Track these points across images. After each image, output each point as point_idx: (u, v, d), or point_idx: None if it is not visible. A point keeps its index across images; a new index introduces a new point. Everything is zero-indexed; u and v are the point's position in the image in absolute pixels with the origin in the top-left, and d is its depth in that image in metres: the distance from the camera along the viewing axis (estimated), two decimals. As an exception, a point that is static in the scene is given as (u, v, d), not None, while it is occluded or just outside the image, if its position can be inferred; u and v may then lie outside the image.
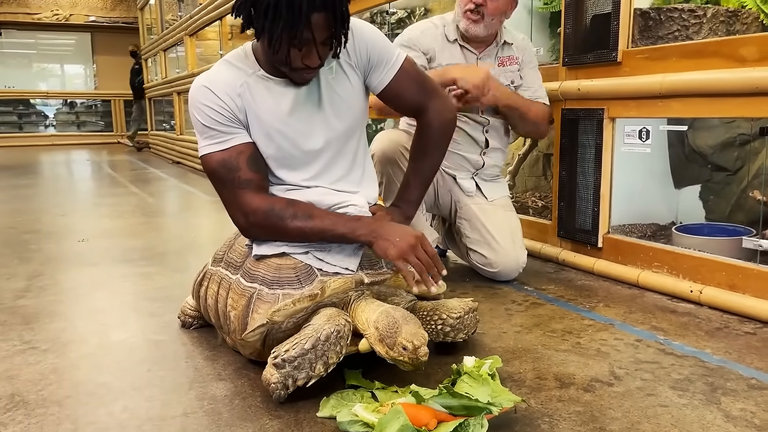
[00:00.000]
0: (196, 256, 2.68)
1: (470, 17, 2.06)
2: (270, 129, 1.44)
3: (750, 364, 1.48)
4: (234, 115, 1.41)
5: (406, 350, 1.24)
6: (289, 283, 1.39)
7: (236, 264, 1.51)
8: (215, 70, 1.45)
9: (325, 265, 1.43)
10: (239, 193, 1.41)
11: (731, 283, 1.84)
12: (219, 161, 1.42)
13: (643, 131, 2.10)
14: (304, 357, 1.23)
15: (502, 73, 2.17)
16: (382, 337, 1.27)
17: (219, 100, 1.40)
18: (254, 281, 1.42)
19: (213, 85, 1.41)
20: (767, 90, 1.67)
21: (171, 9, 8.91)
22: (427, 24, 2.19)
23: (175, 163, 7.67)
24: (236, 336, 1.41)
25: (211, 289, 1.55)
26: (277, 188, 1.50)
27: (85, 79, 13.72)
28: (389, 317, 1.29)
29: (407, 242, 1.36)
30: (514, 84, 2.19)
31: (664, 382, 1.38)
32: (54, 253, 2.83)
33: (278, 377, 1.23)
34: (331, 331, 1.26)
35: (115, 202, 4.49)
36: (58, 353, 1.61)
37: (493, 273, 2.18)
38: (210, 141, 1.42)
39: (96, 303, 2.06)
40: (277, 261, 1.43)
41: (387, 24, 4.43)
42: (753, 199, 2.15)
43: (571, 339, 1.66)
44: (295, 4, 1.23)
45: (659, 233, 2.44)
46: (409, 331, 1.25)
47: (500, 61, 2.18)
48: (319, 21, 1.27)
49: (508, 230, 2.19)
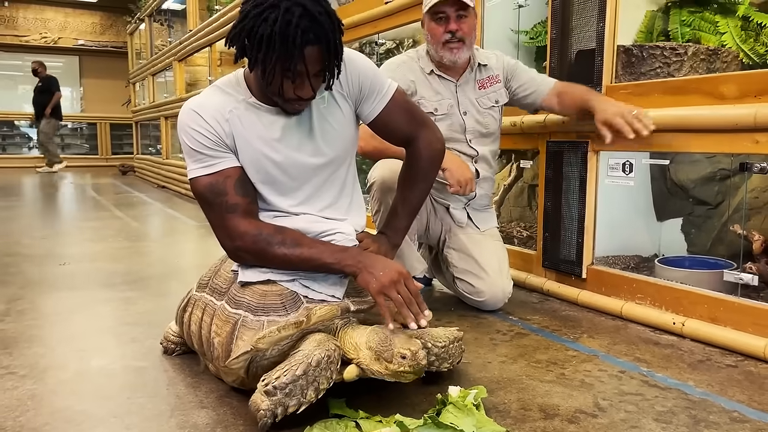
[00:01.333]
0: (180, 282, 2.65)
1: (451, 47, 2.06)
2: (259, 155, 1.45)
3: (732, 397, 1.49)
4: (221, 140, 1.42)
5: (405, 359, 1.26)
6: (275, 309, 1.38)
7: (221, 290, 1.50)
8: (205, 94, 1.47)
9: (311, 293, 1.42)
10: (226, 217, 1.41)
11: (713, 315, 1.86)
12: (206, 185, 1.42)
13: (627, 164, 2.14)
14: (295, 383, 1.22)
15: (484, 95, 2.19)
16: (378, 354, 1.29)
17: (206, 125, 1.41)
18: (239, 307, 1.41)
19: (201, 109, 1.42)
20: (746, 127, 1.71)
21: (161, 34, 8.98)
22: (402, 58, 2.21)
23: (160, 188, 7.63)
24: (220, 363, 1.40)
25: (195, 315, 1.54)
26: (264, 214, 1.49)
27: (72, 101, 13.67)
28: (379, 334, 1.31)
29: (389, 277, 1.35)
30: (498, 103, 2.22)
31: (647, 414, 1.39)
32: (34, 276, 2.79)
33: (268, 404, 1.21)
34: (322, 357, 1.26)
35: (98, 226, 4.45)
36: (36, 379, 1.58)
37: (479, 302, 2.18)
38: (198, 165, 1.43)
39: (76, 328, 2.03)
40: (263, 287, 1.42)
41: (376, 54, 4.49)
42: (734, 233, 2.18)
43: (555, 370, 1.66)
44: (289, 37, 1.25)
45: (642, 265, 2.47)
46: (402, 340, 1.28)
47: (480, 84, 2.19)
48: (312, 54, 1.29)
49: (496, 260, 2.19)
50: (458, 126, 2.17)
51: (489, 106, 2.20)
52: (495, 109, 2.22)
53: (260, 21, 1.26)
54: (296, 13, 1.25)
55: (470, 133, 2.19)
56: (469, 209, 2.26)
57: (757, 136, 1.70)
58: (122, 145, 13.12)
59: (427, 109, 2.11)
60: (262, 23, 1.26)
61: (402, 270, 1.39)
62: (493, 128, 2.23)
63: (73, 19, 13.00)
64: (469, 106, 2.18)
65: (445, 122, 2.13)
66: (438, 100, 2.15)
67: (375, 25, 3.66)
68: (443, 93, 2.16)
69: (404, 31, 4.14)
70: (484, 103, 2.19)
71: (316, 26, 1.27)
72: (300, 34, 1.25)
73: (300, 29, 1.25)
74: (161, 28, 8.82)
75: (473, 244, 2.21)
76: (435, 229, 2.28)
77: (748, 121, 1.70)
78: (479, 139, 2.21)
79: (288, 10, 1.25)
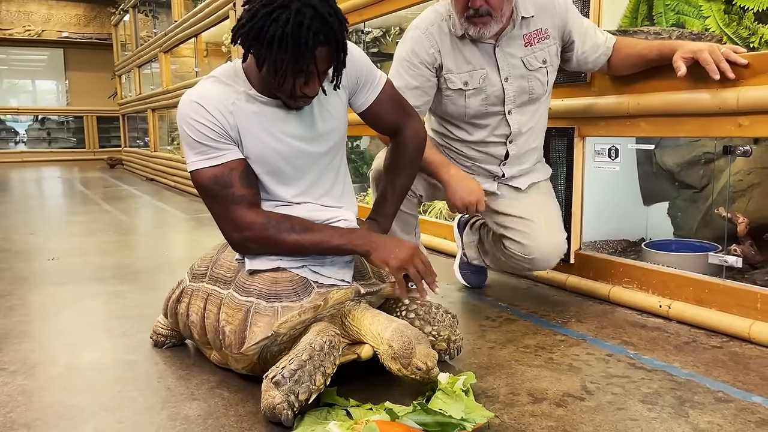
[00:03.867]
0: (170, 274, 2.65)
1: (476, 22, 1.78)
2: (265, 147, 1.46)
3: (717, 377, 1.51)
4: (226, 132, 1.42)
5: (420, 370, 1.30)
6: (287, 295, 1.41)
7: (226, 279, 1.51)
8: (205, 86, 1.45)
9: (320, 278, 1.46)
10: (232, 209, 1.42)
11: (698, 298, 1.89)
12: (211, 177, 1.42)
13: (612, 149, 2.15)
14: (303, 369, 1.24)
15: (531, 54, 1.88)
16: (396, 356, 1.33)
17: (211, 116, 1.40)
18: (250, 295, 1.43)
19: (205, 101, 1.41)
20: (729, 110, 1.72)
21: (146, 25, 8.89)
22: (428, 20, 1.89)
23: (149, 180, 7.59)
24: (233, 350, 1.40)
25: (196, 306, 1.54)
26: (266, 204, 1.51)
27: (57, 95, 13.55)
28: (404, 337, 1.34)
29: (406, 253, 1.41)
30: (546, 63, 1.90)
31: (634, 396, 1.41)
32: (23, 272, 2.78)
33: (281, 396, 1.22)
34: (324, 341, 1.29)
35: (86, 220, 4.42)
36: (26, 375, 1.58)
37: (530, 261, 1.96)
38: (201, 156, 1.42)
39: (66, 323, 2.03)
40: (273, 275, 1.44)
41: (362, 42, 4.48)
42: (718, 215, 2.21)
43: (543, 354, 1.67)
44: (301, 38, 1.26)
45: (630, 249, 2.49)
46: (422, 352, 1.32)
47: (526, 39, 1.87)
48: (323, 54, 1.32)
49: (542, 212, 1.97)
50: (495, 98, 1.89)
51: (537, 67, 1.89)
52: (543, 70, 1.90)
53: (270, 21, 1.26)
54: (307, 14, 1.25)
55: (511, 103, 1.90)
56: (499, 183, 2.02)
57: (740, 120, 1.72)
58: (110, 138, 13.04)
59: (455, 86, 1.88)
60: (272, 23, 1.26)
61: (413, 245, 1.45)
62: (539, 93, 1.93)
63: (57, 11, 12.84)
64: (511, 70, 1.88)
65: (477, 97, 1.89)
66: (469, 71, 1.87)
67: (361, 13, 3.65)
68: (476, 61, 1.87)
69: (390, 19, 4.14)
70: (531, 64, 1.88)
71: (326, 28, 1.28)
72: (312, 36, 1.26)
73: (312, 31, 1.26)
74: (146, 19, 8.73)
75: (514, 200, 1.99)
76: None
77: (731, 104, 1.71)
78: (522, 108, 1.92)
79: (299, 11, 1.25)
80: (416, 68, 1.87)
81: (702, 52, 1.72)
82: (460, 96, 1.91)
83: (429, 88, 1.91)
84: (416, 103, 1.88)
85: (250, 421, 1.30)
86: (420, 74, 1.88)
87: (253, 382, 1.45)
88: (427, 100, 1.93)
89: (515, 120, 1.93)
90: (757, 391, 1.43)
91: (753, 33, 2.17)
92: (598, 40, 1.95)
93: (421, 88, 1.89)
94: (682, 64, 1.75)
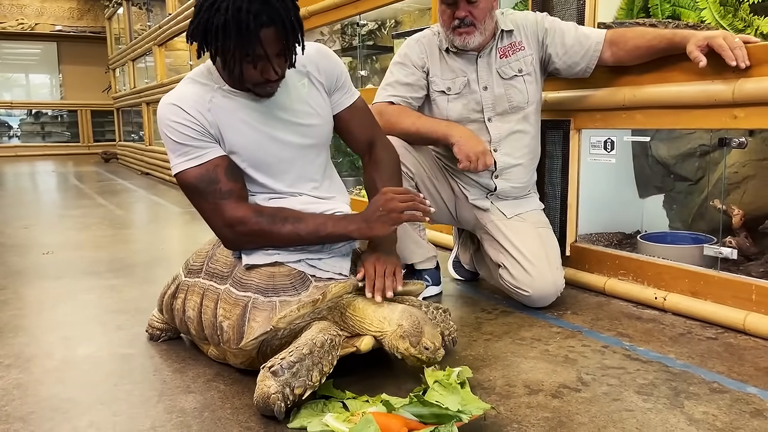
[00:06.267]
0: (165, 268, 2.64)
1: (460, 32, 1.90)
2: (246, 140, 1.45)
3: (712, 368, 1.52)
4: (206, 130, 1.42)
5: (428, 350, 1.32)
6: (284, 289, 1.41)
7: (222, 274, 1.50)
8: (181, 88, 1.46)
9: (318, 272, 1.46)
10: (221, 205, 1.42)
11: (693, 289, 1.89)
12: (196, 176, 1.42)
13: (608, 142, 2.15)
14: (302, 363, 1.24)
15: (506, 64, 1.98)
16: (406, 334, 1.33)
17: (189, 117, 1.40)
18: (247, 290, 1.42)
19: (182, 102, 1.41)
20: (725, 102, 1.72)
21: (140, 19, 8.83)
22: (423, 33, 2.06)
23: (143, 174, 7.56)
24: (231, 345, 1.40)
25: (192, 301, 1.54)
26: (260, 197, 1.50)
27: (51, 88, 13.47)
28: (413, 317, 1.36)
29: (389, 207, 1.41)
30: (522, 72, 1.98)
31: (629, 387, 1.41)
32: (17, 266, 2.77)
33: (276, 387, 1.21)
34: (326, 339, 1.30)
35: (81, 214, 4.41)
36: (21, 368, 1.57)
37: (525, 297, 1.95)
38: (184, 158, 1.42)
39: (61, 317, 2.02)
40: (271, 269, 1.44)
41: (358, 35, 4.46)
42: (714, 208, 2.21)
43: (539, 346, 1.68)
44: (242, 22, 1.26)
45: (625, 242, 2.50)
46: (430, 332, 1.34)
47: (501, 52, 1.98)
48: (269, 35, 1.30)
49: (541, 247, 1.97)
50: (475, 104, 1.99)
51: (511, 75, 1.97)
52: (519, 79, 1.98)
53: (213, 12, 1.28)
54: None
55: (490, 110, 1.98)
56: (493, 199, 2.05)
57: (736, 111, 1.72)
58: (104, 132, 12.97)
59: (438, 88, 1.99)
60: (215, 13, 1.27)
61: (385, 195, 1.44)
62: (519, 101, 1.99)
63: (50, 4, 12.75)
64: (490, 79, 1.98)
65: (459, 102, 1.99)
66: (451, 78, 1.99)
67: (356, 5, 3.62)
68: (459, 71, 1.99)
69: (385, 11, 4.12)
70: (506, 73, 1.98)
71: (267, 8, 1.27)
72: (253, 19, 1.26)
73: (252, 14, 1.26)
74: (140, 12, 8.68)
75: (510, 229, 2.00)
76: (464, 214, 2.11)
77: (726, 96, 1.71)
78: (502, 117, 1.99)
79: None
80: (408, 68, 2.02)
81: (716, 38, 1.68)
82: (444, 99, 2.01)
83: (420, 87, 2.02)
84: (409, 95, 2.01)
85: (247, 413, 1.30)
86: (411, 73, 2.01)
87: (249, 376, 1.45)
88: (419, 97, 2.03)
89: (495, 127, 2.00)
90: (752, 381, 1.44)
91: (749, 25, 2.17)
92: (584, 46, 1.96)
93: (412, 85, 2.01)
94: (699, 54, 1.69)
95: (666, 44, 1.83)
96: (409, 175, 1.97)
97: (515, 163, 2.02)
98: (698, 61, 1.69)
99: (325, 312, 1.43)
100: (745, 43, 1.68)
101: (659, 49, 1.86)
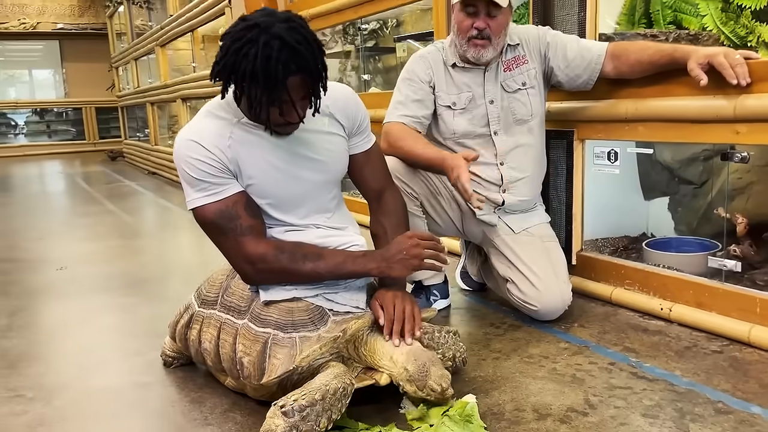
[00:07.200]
0: (177, 283, 2.69)
1: (476, 44, 1.92)
2: (267, 176, 1.47)
3: (717, 386, 1.55)
4: (225, 167, 1.43)
5: (434, 392, 1.35)
6: (304, 325, 1.44)
7: (240, 308, 1.53)
8: (200, 122, 1.47)
9: (335, 305, 1.48)
10: (242, 241, 1.44)
11: (699, 301, 1.92)
12: (216, 212, 1.43)
13: (612, 153, 2.17)
14: (313, 407, 1.27)
15: (510, 78, 2.01)
16: (412, 378, 1.37)
17: (209, 153, 1.42)
18: (267, 326, 1.45)
19: (201, 138, 1.43)
20: (726, 118, 1.73)
21: (140, 13, 8.81)
22: (428, 49, 2.08)
23: (150, 174, 7.61)
24: (252, 381, 1.43)
25: (208, 334, 1.57)
26: (275, 230, 1.53)
27: (55, 86, 13.50)
28: (418, 360, 1.38)
29: (411, 253, 1.45)
30: (525, 86, 2.01)
31: (636, 409, 1.45)
32: (33, 284, 2.82)
33: (284, 427, 1.25)
34: (339, 387, 1.32)
35: (91, 222, 4.46)
36: (44, 402, 1.62)
37: (533, 311, 1.98)
38: (203, 193, 1.43)
39: (79, 341, 2.07)
40: (289, 304, 1.47)
41: (360, 35, 4.46)
42: (718, 216, 2.23)
43: (547, 365, 1.71)
44: (271, 71, 1.27)
45: (631, 246, 2.52)
46: (437, 373, 1.36)
47: (505, 65, 2.01)
48: (295, 83, 1.32)
49: (548, 261, 2.00)
50: (480, 118, 2.01)
51: (515, 89, 2.00)
52: (522, 92, 2.01)
53: (241, 57, 1.28)
54: (275, 46, 1.26)
55: (495, 124, 2.01)
56: (500, 213, 2.06)
57: (738, 127, 1.73)
58: (109, 129, 13.01)
59: (444, 103, 2.01)
60: (243, 59, 1.28)
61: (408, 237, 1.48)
62: (522, 114, 2.01)
63: (51, 2, 12.72)
64: (495, 93, 2.01)
65: (464, 116, 2.01)
66: (457, 93, 2.01)
67: (356, 10, 3.63)
68: (463, 85, 2.01)
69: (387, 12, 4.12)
70: (509, 86, 2.01)
71: (296, 57, 1.29)
72: (281, 68, 1.27)
73: (281, 63, 1.27)
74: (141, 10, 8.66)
75: (519, 244, 2.02)
76: (472, 228, 2.11)
77: (728, 112, 1.72)
78: (508, 130, 2.02)
79: (267, 44, 1.26)
80: (416, 84, 2.01)
81: (717, 56, 1.68)
82: (449, 113, 2.02)
83: (429, 102, 2.02)
84: (419, 113, 2.00)
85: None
86: (420, 89, 2.01)
87: (265, 406, 1.46)
88: (428, 114, 2.02)
89: (501, 140, 2.02)
90: (756, 400, 1.47)
91: (751, 32, 2.17)
92: (585, 59, 1.98)
93: (421, 101, 2.01)
94: (700, 72, 1.70)
95: (667, 60, 1.84)
96: (414, 195, 1.99)
97: (522, 176, 2.04)
98: (699, 80, 1.70)
99: (342, 345, 1.47)
100: (746, 59, 1.69)
101: (660, 65, 1.87)
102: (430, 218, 2.07)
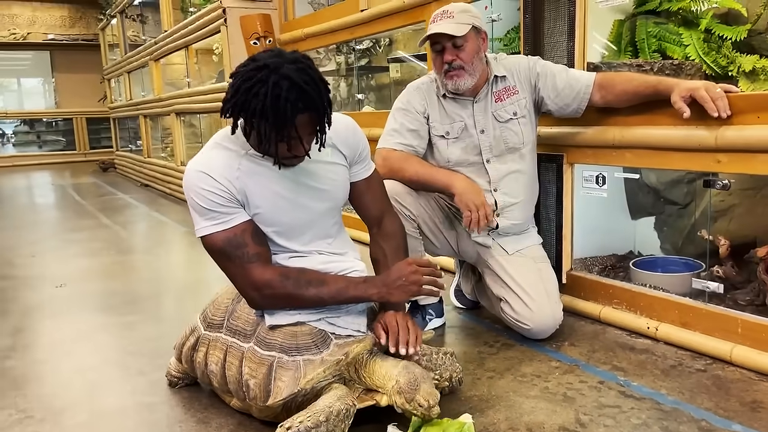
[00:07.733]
0: (176, 301, 2.74)
1: (451, 75, 2.01)
2: (273, 206, 1.54)
3: (700, 404, 1.63)
4: (233, 197, 1.50)
5: (421, 407, 1.40)
6: (307, 348, 1.50)
7: (245, 332, 1.59)
8: (208, 154, 1.53)
9: (337, 329, 1.55)
10: (249, 268, 1.50)
11: (683, 320, 2.00)
12: (224, 240, 1.50)
13: (600, 177, 2.25)
14: (317, 429, 1.34)
15: (501, 108, 2.09)
16: (401, 390, 1.43)
17: (218, 184, 1.48)
18: (272, 349, 1.52)
19: (209, 169, 1.49)
20: (708, 147, 1.82)
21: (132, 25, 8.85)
22: (422, 80, 2.18)
23: (143, 186, 7.63)
24: (258, 402, 1.50)
25: (215, 356, 1.63)
26: (279, 256, 1.60)
27: (45, 96, 13.48)
28: (410, 374, 1.45)
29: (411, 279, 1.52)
30: (516, 115, 2.09)
31: (624, 428, 1.52)
32: (33, 302, 2.85)
33: None
34: (342, 408, 1.38)
35: (86, 238, 4.48)
36: (53, 423, 1.67)
37: (526, 330, 2.05)
38: (211, 222, 1.50)
39: (83, 360, 2.11)
40: (293, 328, 1.54)
41: (353, 52, 4.54)
42: (701, 238, 2.32)
43: (539, 383, 1.78)
44: (280, 110, 1.34)
45: (618, 265, 2.60)
46: (426, 390, 1.42)
47: (496, 96, 2.09)
48: (303, 120, 1.39)
49: (539, 281, 2.08)
50: (473, 147, 2.09)
51: (506, 119, 2.08)
52: (514, 122, 2.09)
53: (251, 96, 1.35)
54: (284, 86, 1.33)
55: (488, 152, 2.09)
56: (494, 235, 2.15)
57: (719, 156, 1.82)
58: (100, 140, 13.00)
59: (438, 132, 2.10)
60: (253, 98, 1.34)
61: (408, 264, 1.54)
62: (515, 143, 2.10)
63: (42, 13, 12.74)
64: (486, 123, 2.09)
65: (458, 145, 2.10)
66: (449, 123, 2.10)
67: (352, 31, 3.71)
68: (456, 115, 2.10)
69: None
70: (501, 116, 2.09)
71: (304, 96, 1.36)
72: (290, 107, 1.34)
73: (290, 102, 1.34)
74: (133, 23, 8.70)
75: (513, 265, 2.10)
76: (467, 249, 2.21)
77: (710, 142, 1.81)
78: (501, 158, 2.10)
79: (276, 84, 1.33)
80: (411, 114, 2.10)
81: (699, 90, 1.77)
82: (444, 143, 2.11)
83: (423, 132, 2.11)
84: (413, 142, 2.10)
85: (270, 468, 1.40)
86: (415, 119, 2.10)
87: (270, 426, 1.54)
88: (422, 144, 2.11)
89: (494, 168, 2.11)
90: (737, 418, 1.55)
91: (732, 62, 2.26)
92: (574, 89, 2.06)
93: (416, 131, 2.10)
94: (683, 105, 1.79)
95: (651, 91, 1.93)
96: (411, 218, 2.07)
97: (514, 202, 2.13)
98: (682, 112, 1.79)
99: (344, 367, 1.53)
100: (726, 92, 1.78)
101: (645, 95, 1.96)
102: (426, 239, 2.14)
